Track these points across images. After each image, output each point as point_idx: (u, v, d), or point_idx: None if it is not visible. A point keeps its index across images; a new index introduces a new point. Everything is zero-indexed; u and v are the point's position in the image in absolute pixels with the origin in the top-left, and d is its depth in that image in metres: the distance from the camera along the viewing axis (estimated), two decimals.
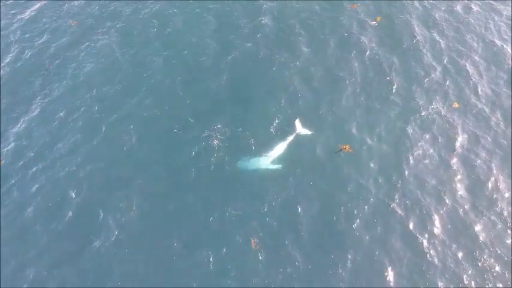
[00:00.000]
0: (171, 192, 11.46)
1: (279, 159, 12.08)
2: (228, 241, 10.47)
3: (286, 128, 12.73)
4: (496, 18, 16.06)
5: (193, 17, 16.34)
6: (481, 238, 10.43)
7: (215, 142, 12.31)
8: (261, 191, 11.38)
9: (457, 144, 12.28)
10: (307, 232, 10.62)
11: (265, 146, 12.31)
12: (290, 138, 12.50)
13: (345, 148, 12.02)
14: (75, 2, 17.37)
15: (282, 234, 10.59)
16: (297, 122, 12.81)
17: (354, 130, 12.58)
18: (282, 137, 12.53)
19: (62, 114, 13.31)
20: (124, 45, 15.46)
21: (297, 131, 12.65)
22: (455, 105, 13.17)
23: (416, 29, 15.65)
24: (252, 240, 10.39)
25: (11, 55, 15.30)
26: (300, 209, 11.03)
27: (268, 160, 12.04)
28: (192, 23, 16.12)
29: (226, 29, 15.88)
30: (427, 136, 12.45)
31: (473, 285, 9.71)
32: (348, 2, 16.72)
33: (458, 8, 16.48)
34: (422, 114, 12.99)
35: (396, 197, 11.16)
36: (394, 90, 13.62)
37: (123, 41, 15.60)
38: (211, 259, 10.14)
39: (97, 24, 16.31)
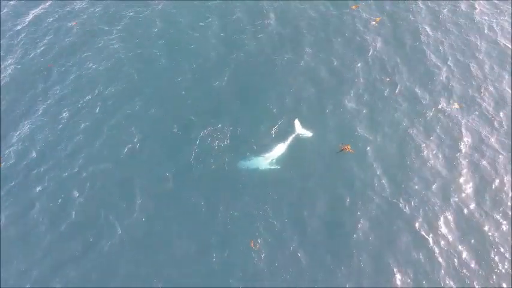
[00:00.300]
0: (173, 193, 11.43)
1: (280, 160, 12.03)
2: (231, 241, 10.44)
3: (288, 128, 12.69)
4: (499, 17, 16.00)
5: (196, 17, 16.32)
6: (485, 238, 10.37)
7: (216, 142, 12.28)
8: (262, 191, 11.34)
9: (461, 144, 12.22)
10: (311, 232, 10.58)
11: (266, 146, 12.26)
12: (291, 138, 12.46)
13: (346, 148, 11.97)
14: (77, 2, 17.37)
15: (285, 234, 10.54)
16: (297, 122, 12.77)
17: (357, 130, 12.53)
18: (283, 137, 12.49)
19: (64, 115, 13.30)
20: (126, 45, 15.44)
21: (297, 131, 12.61)
22: (457, 105, 13.12)
23: (419, 28, 15.60)
24: (252, 241, 10.36)
25: (13, 56, 15.30)
26: (302, 209, 10.99)
27: (269, 160, 11.99)
28: (195, 23, 16.09)
29: (229, 29, 15.87)
30: (431, 136, 12.39)
31: (477, 285, 9.65)
32: (350, 2, 16.69)
33: (462, 7, 16.42)
34: (426, 114, 12.93)
35: (401, 197, 11.11)
36: (397, 90, 13.57)
37: (126, 41, 15.58)
38: (214, 259, 10.12)
39: (99, 25, 16.30)
